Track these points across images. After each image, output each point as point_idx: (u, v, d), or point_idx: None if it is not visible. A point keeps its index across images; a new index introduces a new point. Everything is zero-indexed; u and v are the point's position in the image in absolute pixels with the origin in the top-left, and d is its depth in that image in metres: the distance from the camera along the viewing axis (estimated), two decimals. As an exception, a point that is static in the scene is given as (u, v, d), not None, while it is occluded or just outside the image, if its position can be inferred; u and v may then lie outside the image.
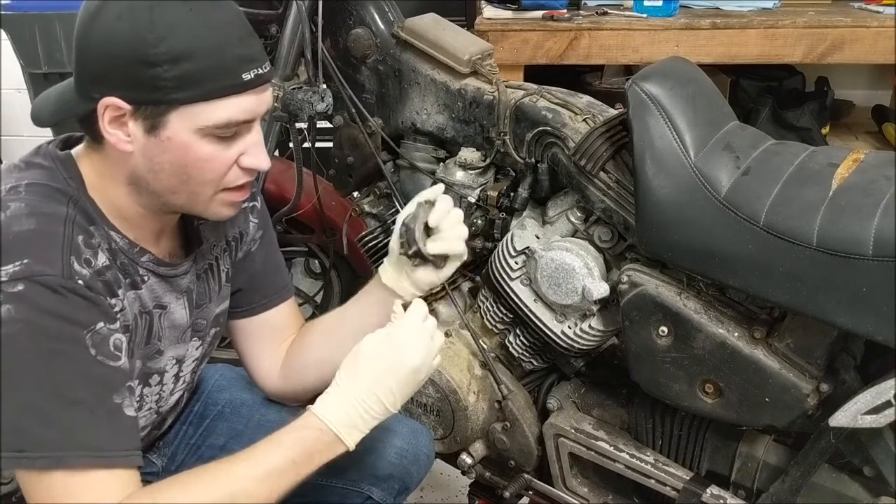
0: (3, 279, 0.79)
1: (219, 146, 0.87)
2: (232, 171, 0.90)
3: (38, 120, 0.92)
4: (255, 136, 0.91)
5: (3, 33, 2.28)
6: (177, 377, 1.05)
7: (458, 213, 1.06)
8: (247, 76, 0.85)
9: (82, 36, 0.84)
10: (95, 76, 0.83)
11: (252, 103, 0.87)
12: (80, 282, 0.82)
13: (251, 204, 1.13)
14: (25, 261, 0.80)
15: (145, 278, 0.94)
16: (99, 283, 0.85)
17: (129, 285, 0.92)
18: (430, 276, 1.07)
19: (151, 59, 0.80)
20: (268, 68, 0.89)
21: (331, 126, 1.40)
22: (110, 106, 0.83)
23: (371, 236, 1.43)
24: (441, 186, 1.07)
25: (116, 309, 0.87)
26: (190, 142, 0.85)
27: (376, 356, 0.94)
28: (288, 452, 0.89)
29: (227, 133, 0.87)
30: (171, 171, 0.88)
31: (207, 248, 1.06)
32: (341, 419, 0.91)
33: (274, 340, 1.17)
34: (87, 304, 0.82)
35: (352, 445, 0.92)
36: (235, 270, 1.13)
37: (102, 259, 0.87)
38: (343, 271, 1.99)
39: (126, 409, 0.85)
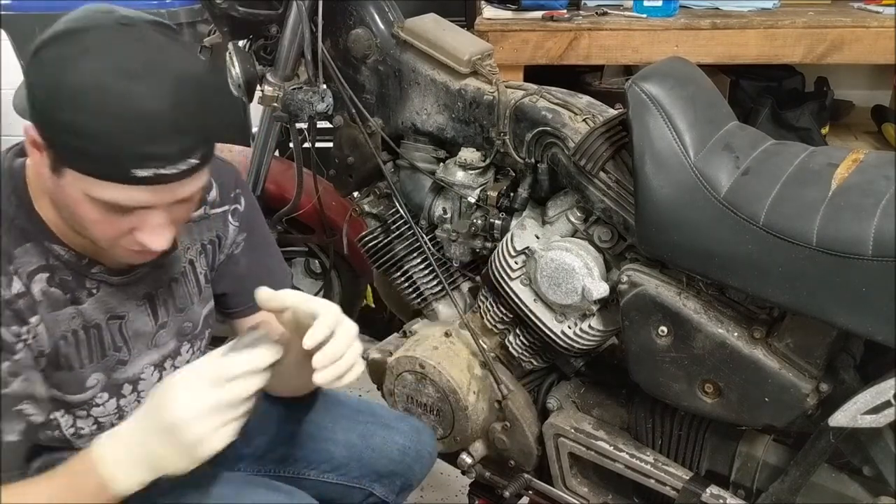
0: None
1: (110, 214, 0.83)
2: (127, 237, 0.86)
3: (16, 107, 0.90)
4: (157, 218, 0.85)
5: (3, 33, 2.27)
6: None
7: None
8: (140, 173, 0.79)
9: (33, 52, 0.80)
10: (28, 97, 0.81)
11: (145, 197, 0.81)
12: None
13: (232, 207, 1.10)
14: None
15: (93, 291, 0.94)
16: (8, 313, 0.84)
17: (67, 301, 0.91)
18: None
19: (53, 120, 0.78)
20: (187, 166, 0.81)
21: (331, 126, 1.40)
22: (29, 130, 0.82)
23: (371, 236, 1.43)
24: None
25: (23, 337, 0.86)
26: (81, 200, 0.82)
27: (154, 394, 0.83)
28: (56, 492, 0.83)
29: (118, 209, 0.82)
30: (67, 212, 0.86)
31: (182, 250, 1.04)
32: (113, 460, 0.82)
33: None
34: None
35: (123, 494, 0.82)
36: (219, 273, 1.12)
37: (17, 286, 0.86)
38: (343, 271, 1.99)
39: (6, 437, 0.85)
